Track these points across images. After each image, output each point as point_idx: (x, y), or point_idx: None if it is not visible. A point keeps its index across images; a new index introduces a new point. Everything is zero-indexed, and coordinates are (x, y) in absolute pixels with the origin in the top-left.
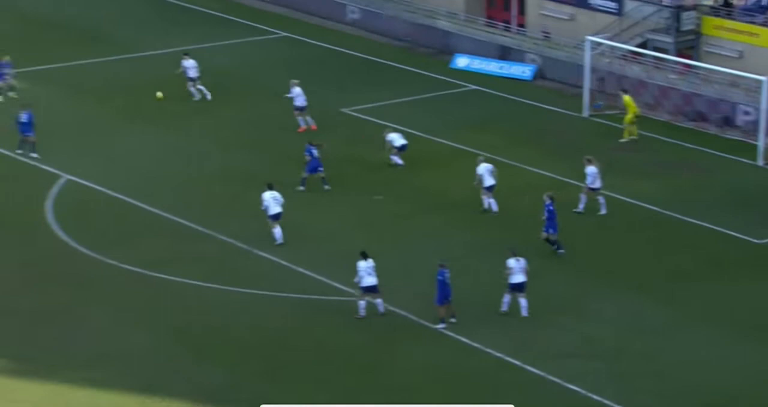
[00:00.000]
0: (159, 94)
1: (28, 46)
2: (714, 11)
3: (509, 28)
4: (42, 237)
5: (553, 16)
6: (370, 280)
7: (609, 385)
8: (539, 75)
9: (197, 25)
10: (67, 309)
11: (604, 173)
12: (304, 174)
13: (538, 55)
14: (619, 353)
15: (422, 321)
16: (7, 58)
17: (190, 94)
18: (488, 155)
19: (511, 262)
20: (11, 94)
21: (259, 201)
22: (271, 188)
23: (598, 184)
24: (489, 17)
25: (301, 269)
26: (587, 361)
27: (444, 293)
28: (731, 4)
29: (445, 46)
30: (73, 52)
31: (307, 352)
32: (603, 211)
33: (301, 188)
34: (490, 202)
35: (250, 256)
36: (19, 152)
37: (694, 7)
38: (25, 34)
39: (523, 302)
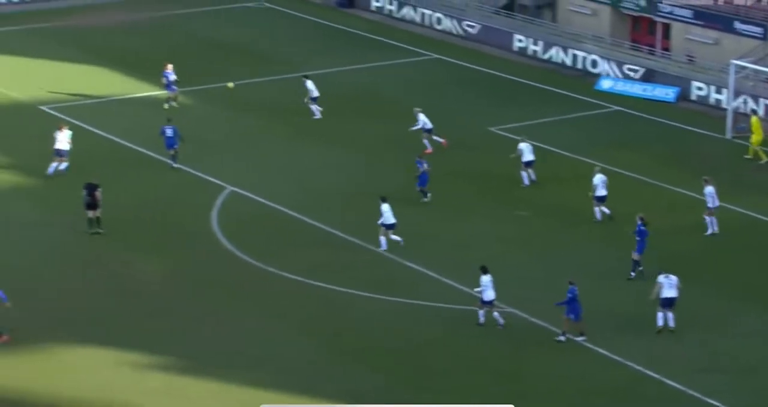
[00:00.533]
0: (230, 84)
1: (200, 66)
2: None
3: (653, 51)
4: (206, 244)
5: (698, 41)
6: (489, 294)
7: (748, 400)
8: (683, 97)
9: (354, 46)
10: (228, 312)
11: (745, 194)
12: (419, 187)
13: (681, 77)
14: (759, 368)
15: (560, 332)
16: (170, 67)
17: (311, 113)
18: (632, 175)
19: (661, 278)
20: (173, 104)
21: (381, 212)
22: (384, 200)
23: (716, 203)
24: (633, 41)
25: (448, 280)
26: (726, 376)
27: (574, 310)
28: None
29: (591, 69)
30: (241, 72)
31: (452, 359)
32: (710, 230)
33: (425, 198)
34: (603, 211)
35: (400, 266)
36: (175, 165)
37: None
38: (200, 54)
39: (670, 315)
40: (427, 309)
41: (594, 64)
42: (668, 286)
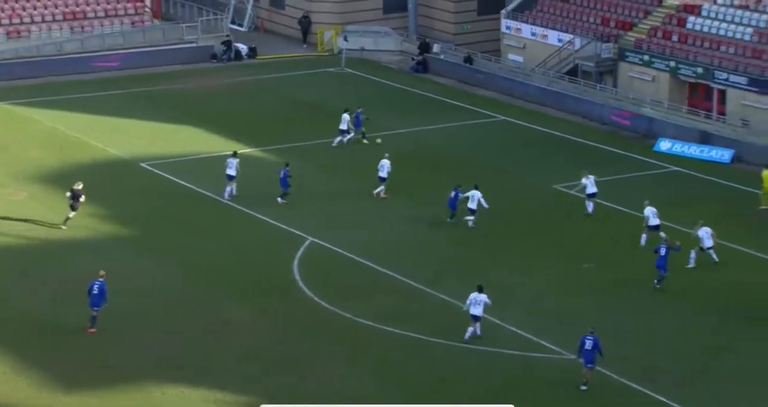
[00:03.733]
0: (378, 140)
1: (289, 125)
2: None
3: (710, 115)
4: (288, 291)
5: (753, 106)
6: (474, 310)
7: None
8: (737, 158)
9: (424, 108)
10: (307, 355)
11: None
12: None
13: (736, 140)
14: None
15: (622, 379)
16: (359, 109)
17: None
18: (685, 230)
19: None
20: (365, 141)
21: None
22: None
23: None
24: (691, 106)
25: (513, 328)
26: None
27: (585, 358)
28: None
29: (649, 131)
30: (325, 132)
31: (514, 402)
32: (692, 265)
33: (470, 224)
34: (644, 237)
35: (468, 314)
36: (280, 200)
37: None
38: (290, 115)
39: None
40: (495, 355)
41: (653, 126)
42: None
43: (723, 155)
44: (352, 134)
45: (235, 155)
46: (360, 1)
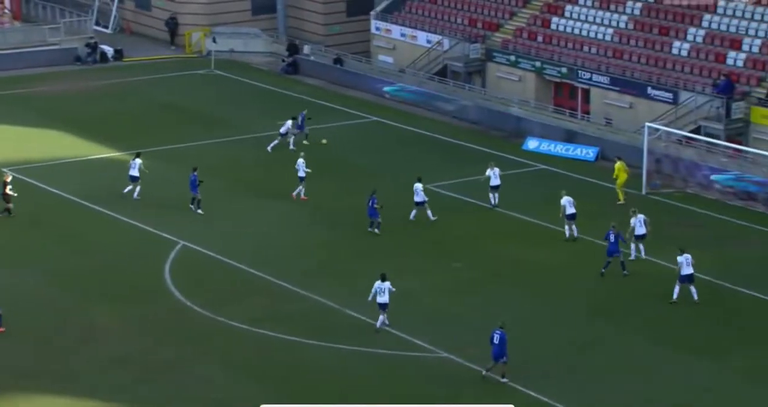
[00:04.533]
0: (323, 141)
1: (158, 128)
2: (761, 102)
3: (575, 114)
4: (159, 296)
5: (615, 105)
6: (380, 298)
7: None
8: (601, 156)
9: (296, 109)
10: (179, 360)
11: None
12: (372, 220)
13: (600, 138)
14: None
15: (495, 376)
16: (304, 111)
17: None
18: (557, 229)
19: (680, 258)
20: (306, 141)
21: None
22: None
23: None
24: (557, 105)
25: (386, 328)
26: None
27: (495, 353)
28: None
29: (518, 130)
30: (194, 135)
31: (390, 400)
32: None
33: (376, 230)
34: (572, 229)
35: (341, 314)
36: (191, 207)
37: (744, 99)
38: (157, 118)
39: (692, 289)
40: (366, 355)
41: (520, 125)
42: (686, 264)
43: (588, 152)
44: (292, 138)
45: (137, 155)
46: (228, 3)
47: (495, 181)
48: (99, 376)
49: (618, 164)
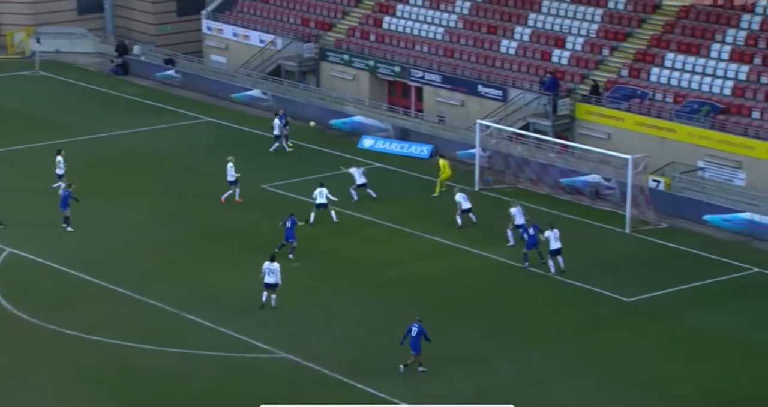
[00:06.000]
0: (311, 124)
1: None
2: (585, 99)
3: (408, 112)
4: None
5: (447, 103)
6: (268, 279)
7: None
8: (435, 153)
9: (127, 110)
10: (8, 370)
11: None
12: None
13: (434, 136)
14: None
15: (334, 374)
16: (282, 111)
17: None
18: (392, 226)
19: (548, 233)
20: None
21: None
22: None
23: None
24: (391, 103)
25: (224, 330)
26: None
27: (411, 345)
28: (600, 92)
29: (353, 129)
30: (25, 137)
31: (229, 402)
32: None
33: (290, 256)
34: (461, 219)
35: (179, 318)
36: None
37: (569, 95)
38: None
39: (560, 259)
40: (205, 357)
41: (356, 124)
42: (554, 239)
43: (422, 150)
44: (284, 139)
45: (59, 152)
46: (52, 2)
47: (360, 180)
48: None
49: (442, 162)
